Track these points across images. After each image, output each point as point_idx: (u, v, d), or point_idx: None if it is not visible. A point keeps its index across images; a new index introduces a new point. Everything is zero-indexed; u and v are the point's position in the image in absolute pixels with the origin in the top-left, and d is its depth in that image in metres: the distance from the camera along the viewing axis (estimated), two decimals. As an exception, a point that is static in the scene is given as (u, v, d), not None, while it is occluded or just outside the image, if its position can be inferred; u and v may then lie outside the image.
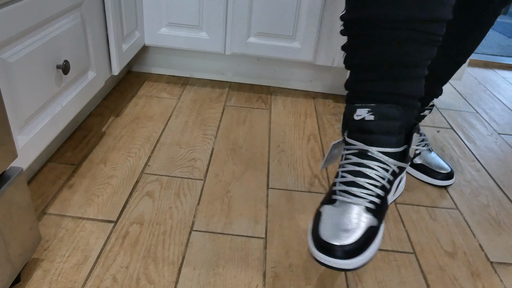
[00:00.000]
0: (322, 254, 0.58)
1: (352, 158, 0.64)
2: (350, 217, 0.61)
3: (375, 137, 0.63)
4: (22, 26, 0.68)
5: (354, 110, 0.63)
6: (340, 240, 0.58)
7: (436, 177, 1.00)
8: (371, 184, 0.63)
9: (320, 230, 0.60)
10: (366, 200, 0.62)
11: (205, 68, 1.46)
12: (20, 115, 0.70)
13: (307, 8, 1.23)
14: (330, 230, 0.59)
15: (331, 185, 0.67)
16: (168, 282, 0.70)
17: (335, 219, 0.61)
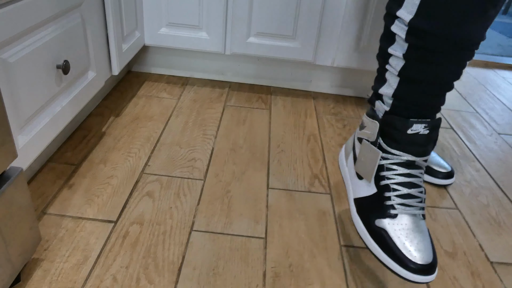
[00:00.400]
0: (414, 274, 0.60)
1: (399, 169, 0.66)
2: (419, 231, 0.64)
3: (424, 148, 0.65)
4: (22, 26, 0.68)
5: (411, 125, 0.63)
6: (429, 257, 0.61)
7: (437, 176, 1.00)
8: (421, 192, 0.66)
9: (403, 251, 0.61)
10: (420, 208, 0.66)
11: (205, 68, 1.46)
12: (20, 115, 0.70)
13: (307, 8, 1.23)
14: (418, 252, 0.61)
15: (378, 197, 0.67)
16: (168, 282, 0.70)
17: (410, 236, 0.63)
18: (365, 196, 0.70)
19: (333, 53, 1.30)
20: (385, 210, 0.66)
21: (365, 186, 0.71)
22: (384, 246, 0.63)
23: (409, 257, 0.61)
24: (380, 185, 0.67)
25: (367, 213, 0.68)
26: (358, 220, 0.69)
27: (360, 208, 0.70)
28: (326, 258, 0.77)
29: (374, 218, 0.66)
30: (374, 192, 0.68)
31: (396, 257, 0.62)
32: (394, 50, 0.64)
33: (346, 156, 0.79)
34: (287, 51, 1.30)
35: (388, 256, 0.63)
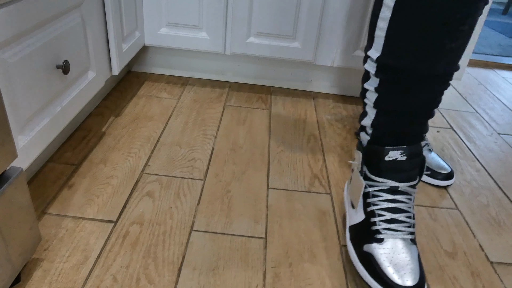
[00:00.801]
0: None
1: (383, 195, 0.70)
2: (406, 254, 0.67)
3: (405, 174, 0.69)
4: (22, 26, 0.68)
5: (387, 152, 0.67)
6: (414, 280, 0.63)
7: (436, 177, 1.00)
8: (408, 217, 0.69)
9: (388, 274, 0.64)
10: (407, 233, 0.69)
11: (205, 68, 1.46)
12: (20, 115, 0.70)
13: (307, 8, 1.23)
14: (400, 273, 0.64)
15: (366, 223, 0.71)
16: (168, 282, 0.70)
17: (395, 259, 0.66)
18: (357, 223, 0.74)
19: (333, 53, 1.30)
20: (372, 235, 0.69)
21: (356, 214, 0.75)
22: (371, 270, 0.67)
23: (394, 280, 0.64)
24: (367, 211, 0.72)
25: (357, 239, 0.72)
26: (350, 246, 0.73)
27: (352, 235, 0.74)
28: (326, 258, 0.77)
29: (363, 243, 0.70)
30: (363, 219, 0.72)
31: (381, 280, 0.65)
32: (369, 85, 0.69)
33: (347, 188, 0.83)
34: (287, 51, 1.30)
35: (374, 279, 0.66)
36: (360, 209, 0.72)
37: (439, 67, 0.61)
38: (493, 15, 3.06)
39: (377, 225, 0.69)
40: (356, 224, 0.73)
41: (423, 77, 0.63)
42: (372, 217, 0.71)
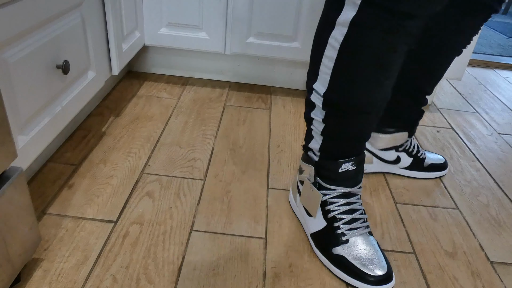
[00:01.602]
0: (377, 286, 0.71)
1: (339, 200, 0.77)
2: (370, 247, 0.74)
3: (355, 179, 0.77)
4: (22, 26, 0.68)
5: (340, 165, 0.75)
6: (384, 268, 0.72)
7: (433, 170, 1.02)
8: (361, 213, 0.77)
9: (362, 269, 0.72)
10: (365, 227, 0.76)
11: (205, 68, 1.46)
12: (20, 115, 0.70)
13: (307, 8, 1.23)
14: (374, 267, 0.72)
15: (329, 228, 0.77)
16: (168, 282, 0.70)
17: (363, 255, 0.73)
18: (318, 230, 0.78)
19: (333, 53, 1.30)
20: (337, 239, 0.75)
21: (315, 221, 0.79)
22: (346, 269, 0.73)
23: (369, 272, 0.71)
24: (328, 217, 0.77)
25: (324, 244, 0.76)
26: (318, 252, 0.78)
27: (316, 241, 0.78)
28: (326, 258, 0.77)
29: (330, 247, 0.75)
30: (325, 225, 0.77)
31: (358, 276, 0.72)
32: (315, 115, 0.75)
33: (294, 198, 0.87)
34: (287, 51, 1.30)
35: (351, 277, 0.72)
36: (320, 216, 0.78)
37: (377, 100, 0.69)
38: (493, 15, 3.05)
39: (341, 229, 0.76)
40: (318, 231, 0.78)
41: (364, 109, 0.70)
42: (334, 222, 0.76)
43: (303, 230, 0.83)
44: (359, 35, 0.63)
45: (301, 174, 0.82)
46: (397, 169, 1.02)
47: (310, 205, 0.79)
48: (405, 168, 1.01)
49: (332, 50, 0.67)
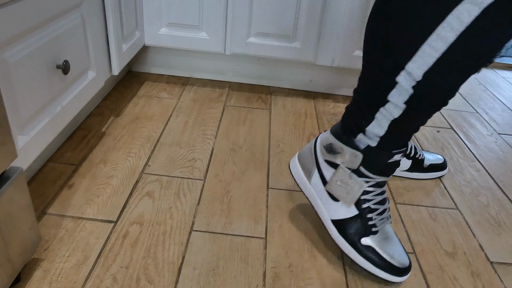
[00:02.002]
0: (401, 277, 0.72)
1: (375, 190, 0.73)
2: (393, 237, 0.75)
3: (394, 170, 0.73)
4: (22, 26, 0.68)
5: (392, 156, 0.70)
6: (406, 260, 0.73)
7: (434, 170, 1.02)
8: (388, 202, 0.75)
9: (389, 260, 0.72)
10: (389, 216, 0.76)
11: (205, 68, 1.46)
12: (20, 115, 0.70)
13: (307, 8, 1.23)
14: (399, 258, 0.73)
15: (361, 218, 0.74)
16: (168, 282, 0.70)
17: (389, 245, 0.73)
18: (346, 218, 0.75)
19: (333, 53, 1.30)
20: (368, 229, 0.74)
21: (342, 208, 0.75)
22: (374, 261, 0.72)
23: (395, 264, 0.72)
24: (362, 207, 0.74)
25: (352, 234, 0.74)
26: (342, 241, 0.75)
27: (342, 229, 0.75)
28: (326, 258, 0.77)
29: (359, 237, 0.73)
30: (355, 214, 0.74)
31: (386, 268, 0.72)
32: (393, 97, 0.63)
33: (307, 174, 0.80)
34: (287, 51, 1.30)
35: (380, 269, 0.72)
36: (351, 204, 0.74)
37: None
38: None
39: (373, 220, 0.73)
40: (345, 219, 0.74)
41: (447, 101, 0.62)
42: (369, 213, 0.73)
43: (303, 230, 0.83)
44: (492, 16, 0.51)
45: (332, 154, 0.74)
46: (398, 172, 1.02)
47: (344, 193, 0.73)
48: (405, 171, 1.01)
49: (450, 31, 0.54)
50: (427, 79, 0.59)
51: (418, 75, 0.59)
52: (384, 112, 0.66)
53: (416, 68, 0.59)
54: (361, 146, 0.70)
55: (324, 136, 0.77)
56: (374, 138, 0.69)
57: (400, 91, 0.62)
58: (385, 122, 0.66)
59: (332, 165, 0.75)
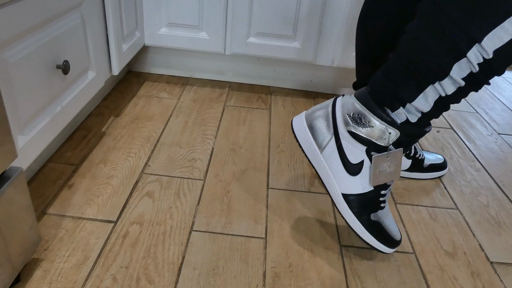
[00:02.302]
0: (393, 248, 0.74)
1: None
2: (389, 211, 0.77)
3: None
4: (22, 26, 0.68)
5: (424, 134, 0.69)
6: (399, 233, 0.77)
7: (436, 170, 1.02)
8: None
9: (392, 235, 0.74)
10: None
11: (205, 68, 1.46)
12: (20, 115, 0.70)
13: (307, 8, 1.23)
14: (394, 231, 0.76)
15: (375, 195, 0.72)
16: (168, 282, 0.70)
17: (390, 221, 0.76)
18: (359, 193, 0.72)
19: (333, 53, 1.30)
20: (378, 205, 0.73)
21: (357, 183, 0.71)
22: (378, 235, 0.73)
23: (395, 238, 0.75)
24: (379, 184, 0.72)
25: (364, 209, 0.72)
26: (351, 215, 0.73)
27: (353, 204, 0.72)
28: (326, 258, 0.77)
29: (369, 213, 0.73)
30: (370, 190, 0.72)
31: (388, 242, 0.74)
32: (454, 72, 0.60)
33: (318, 142, 0.74)
34: (287, 51, 1.30)
35: (381, 242, 0.73)
36: (366, 179, 0.70)
37: None
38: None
39: (385, 196, 0.73)
40: (358, 194, 0.71)
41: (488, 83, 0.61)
42: (382, 190, 0.72)
43: (303, 230, 0.83)
44: None
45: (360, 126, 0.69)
46: None
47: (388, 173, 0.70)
48: (405, 171, 1.01)
49: None
50: (496, 57, 0.57)
51: (489, 52, 0.57)
52: (438, 87, 0.62)
53: (490, 44, 0.56)
54: (397, 120, 0.66)
55: (349, 103, 0.71)
56: (415, 113, 0.65)
57: (463, 66, 0.59)
58: (433, 98, 0.63)
59: (357, 138, 0.70)
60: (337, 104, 0.73)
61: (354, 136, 0.70)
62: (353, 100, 0.70)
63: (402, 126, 0.66)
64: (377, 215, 0.74)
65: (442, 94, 0.62)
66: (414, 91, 0.64)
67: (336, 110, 0.72)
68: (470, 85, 0.61)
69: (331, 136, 0.73)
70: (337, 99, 0.74)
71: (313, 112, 0.76)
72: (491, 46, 0.56)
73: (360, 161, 0.70)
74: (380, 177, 0.71)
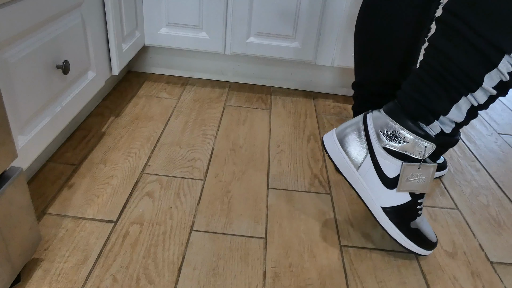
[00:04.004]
0: (430, 251, 0.77)
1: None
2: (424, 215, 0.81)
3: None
4: (22, 26, 0.68)
5: (455, 143, 0.70)
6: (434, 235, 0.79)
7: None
8: None
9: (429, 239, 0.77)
10: None
11: (205, 68, 1.46)
12: (20, 115, 0.70)
13: (307, 8, 1.23)
14: (431, 234, 0.78)
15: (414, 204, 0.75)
16: (168, 282, 0.70)
17: (426, 225, 0.78)
18: (398, 205, 0.74)
19: (333, 53, 1.30)
20: (416, 212, 0.76)
21: (396, 196, 0.74)
22: (419, 241, 0.76)
23: (432, 240, 0.77)
24: (416, 194, 0.74)
25: (404, 219, 0.75)
26: (393, 227, 0.75)
27: (393, 215, 0.75)
28: (326, 258, 0.77)
29: (409, 221, 0.75)
30: (409, 200, 0.74)
31: (427, 246, 0.77)
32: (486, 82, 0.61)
33: (352, 159, 0.75)
34: (287, 51, 1.30)
35: (421, 247, 0.76)
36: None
37: None
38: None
39: (421, 204, 0.76)
40: (399, 205, 0.74)
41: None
42: (419, 198, 0.74)
43: (303, 230, 0.83)
44: None
45: (395, 142, 0.70)
46: None
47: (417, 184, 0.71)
48: None
49: None
50: None
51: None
52: (470, 98, 0.63)
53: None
54: (432, 133, 0.67)
55: (380, 118, 0.71)
56: (449, 124, 0.66)
57: (494, 76, 0.60)
58: (466, 108, 0.64)
59: (392, 154, 0.70)
60: (368, 120, 0.74)
61: (389, 152, 0.71)
62: (384, 115, 0.71)
63: (437, 138, 0.67)
64: (416, 222, 0.76)
65: (475, 104, 0.64)
66: (448, 104, 0.65)
67: (368, 127, 0.73)
68: (500, 93, 0.62)
69: (366, 153, 0.73)
70: (367, 115, 0.75)
71: (344, 129, 0.77)
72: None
73: (397, 174, 0.72)
74: (407, 186, 0.72)
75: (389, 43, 0.87)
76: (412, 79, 0.69)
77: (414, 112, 0.68)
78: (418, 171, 0.70)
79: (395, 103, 0.71)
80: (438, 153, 0.70)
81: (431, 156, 0.70)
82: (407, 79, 0.71)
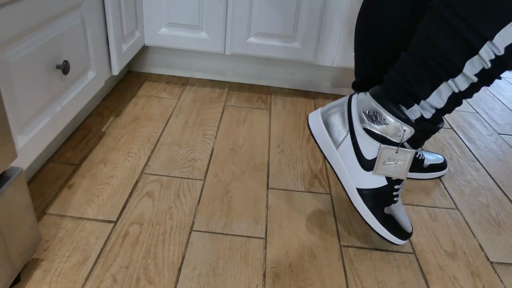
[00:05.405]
0: (404, 240, 0.77)
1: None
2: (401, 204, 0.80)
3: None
4: (22, 26, 0.68)
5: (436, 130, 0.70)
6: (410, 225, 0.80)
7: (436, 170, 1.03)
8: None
9: (404, 227, 0.77)
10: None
11: (205, 68, 1.46)
12: (20, 115, 0.70)
13: (307, 8, 1.23)
14: (406, 223, 0.78)
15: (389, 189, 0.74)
16: (168, 282, 0.70)
17: (402, 214, 0.78)
18: (374, 188, 0.74)
19: (333, 53, 1.30)
20: (392, 198, 0.75)
21: (371, 178, 0.74)
22: (391, 228, 0.75)
23: (406, 230, 0.77)
24: (393, 179, 0.74)
25: (378, 203, 0.75)
26: (365, 209, 0.75)
27: (367, 198, 0.75)
28: (326, 258, 0.77)
29: (383, 207, 0.75)
30: (385, 185, 0.74)
31: (400, 234, 0.76)
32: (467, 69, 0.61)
33: (333, 138, 0.76)
34: (287, 51, 1.30)
35: (394, 235, 0.76)
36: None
37: None
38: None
39: (398, 190, 0.75)
40: (373, 188, 0.74)
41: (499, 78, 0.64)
42: (396, 184, 0.74)
43: (303, 230, 0.83)
44: None
45: (375, 124, 0.71)
46: None
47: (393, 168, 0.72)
48: None
49: None
50: (507, 53, 0.58)
51: (501, 49, 0.58)
52: (451, 84, 0.64)
53: (501, 41, 0.58)
54: (412, 117, 0.68)
55: (364, 100, 0.72)
56: (429, 109, 0.67)
57: (476, 63, 0.61)
58: (447, 94, 0.64)
59: (372, 135, 0.72)
60: (352, 101, 0.75)
61: (369, 133, 0.72)
62: (369, 98, 0.72)
63: (417, 123, 0.68)
64: (390, 209, 0.76)
65: (456, 90, 0.64)
66: (428, 88, 0.66)
67: (351, 108, 0.74)
68: (482, 81, 0.63)
69: (346, 133, 0.75)
70: (353, 96, 0.76)
71: (328, 109, 0.78)
72: (502, 43, 0.58)
73: (375, 157, 0.73)
74: (384, 169, 0.73)
75: (390, 42, 0.87)
76: (397, 63, 0.70)
77: (395, 95, 0.69)
78: (396, 155, 0.71)
79: (380, 86, 0.72)
80: (418, 139, 0.70)
81: (411, 142, 0.70)
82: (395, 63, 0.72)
